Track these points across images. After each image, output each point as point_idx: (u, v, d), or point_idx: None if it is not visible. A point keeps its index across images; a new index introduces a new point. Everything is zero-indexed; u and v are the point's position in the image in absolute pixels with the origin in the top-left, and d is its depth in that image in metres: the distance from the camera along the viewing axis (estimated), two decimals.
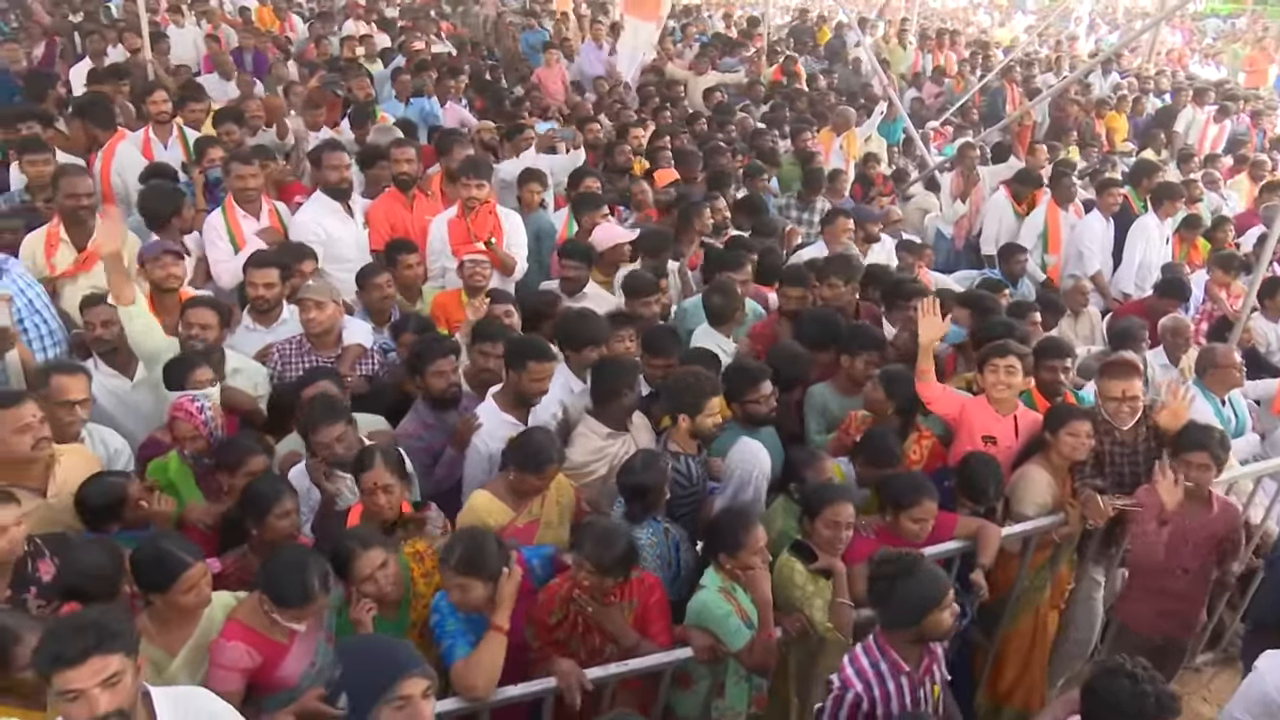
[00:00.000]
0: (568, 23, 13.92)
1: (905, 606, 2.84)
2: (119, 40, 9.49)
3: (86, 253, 4.76)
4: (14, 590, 2.97)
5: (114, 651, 2.20)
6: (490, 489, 3.60)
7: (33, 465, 3.28)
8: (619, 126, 8.51)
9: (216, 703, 2.49)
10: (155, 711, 2.33)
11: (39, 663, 2.20)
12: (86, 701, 2.16)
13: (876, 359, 4.46)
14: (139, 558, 2.84)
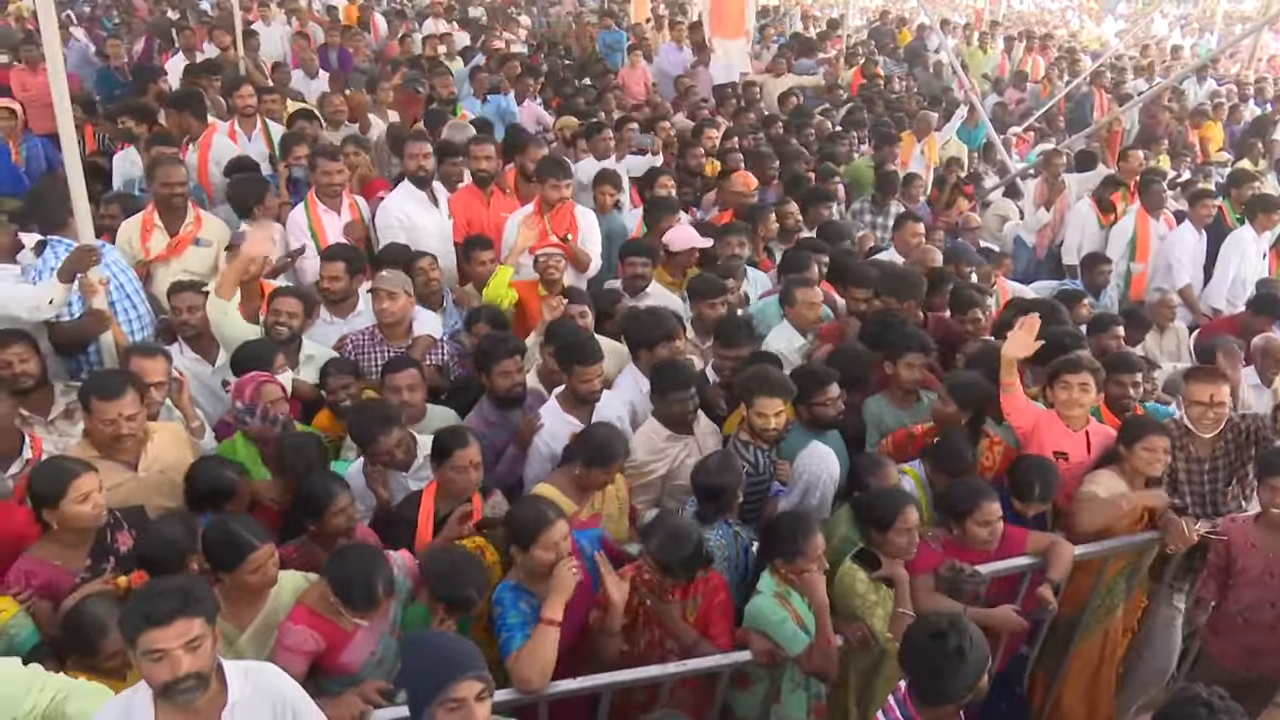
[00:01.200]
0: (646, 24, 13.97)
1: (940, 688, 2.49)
2: (210, 37, 9.86)
3: (178, 238, 4.96)
4: (93, 560, 3.11)
5: (197, 616, 2.29)
6: (554, 482, 3.63)
7: (127, 444, 3.44)
8: (693, 128, 8.50)
9: (284, 679, 2.56)
10: (227, 682, 2.41)
11: (126, 624, 2.28)
12: (170, 662, 2.24)
13: (921, 362, 4.35)
14: (211, 537, 2.95)
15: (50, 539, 3.07)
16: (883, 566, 3.40)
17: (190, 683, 2.27)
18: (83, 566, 3.08)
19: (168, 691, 2.26)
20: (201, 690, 2.30)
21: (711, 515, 3.53)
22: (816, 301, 4.84)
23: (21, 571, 2.99)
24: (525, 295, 5.05)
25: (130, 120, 6.47)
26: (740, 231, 5.62)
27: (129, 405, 3.36)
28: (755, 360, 4.27)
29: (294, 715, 2.50)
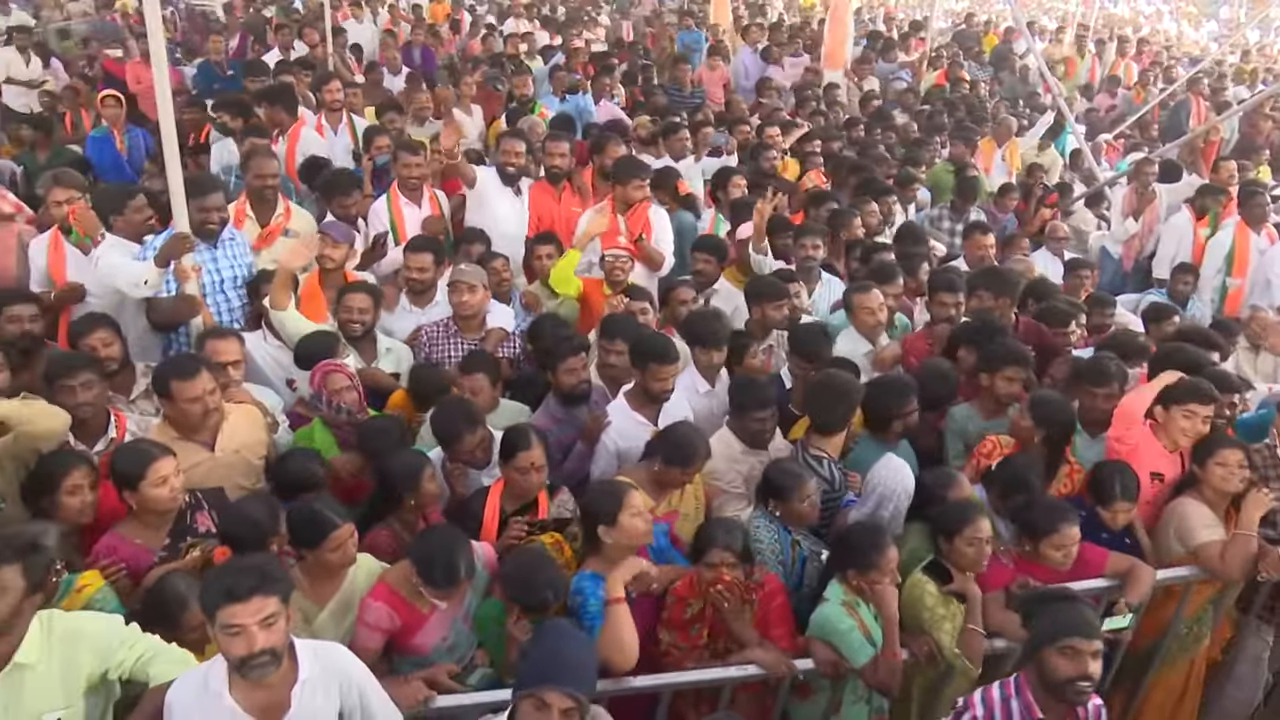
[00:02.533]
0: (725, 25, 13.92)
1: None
2: (300, 34, 10.17)
3: (269, 229, 5.13)
4: (172, 539, 3.22)
5: (273, 594, 2.37)
6: (631, 476, 3.63)
7: (207, 422, 3.57)
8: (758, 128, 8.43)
9: (352, 659, 2.63)
10: (298, 660, 2.49)
11: (207, 598, 2.38)
12: (246, 637, 2.32)
13: (1019, 376, 4.20)
14: (295, 516, 3.05)
15: (133, 517, 3.21)
16: (954, 580, 3.33)
17: (264, 658, 2.35)
18: (161, 545, 3.20)
19: (243, 665, 2.34)
20: (275, 666, 2.38)
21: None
22: (873, 306, 4.70)
23: (105, 547, 3.13)
24: (591, 293, 5.08)
25: (226, 114, 6.72)
26: (816, 233, 5.55)
27: (203, 385, 3.49)
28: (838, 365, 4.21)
29: (360, 695, 2.57)
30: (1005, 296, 4.94)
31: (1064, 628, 2.62)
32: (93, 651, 2.54)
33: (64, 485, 3.13)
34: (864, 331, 4.73)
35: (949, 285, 4.90)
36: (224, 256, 4.67)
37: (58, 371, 3.57)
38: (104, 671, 2.57)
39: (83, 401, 3.54)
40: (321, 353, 4.01)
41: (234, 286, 4.70)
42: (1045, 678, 2.63)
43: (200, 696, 2.43)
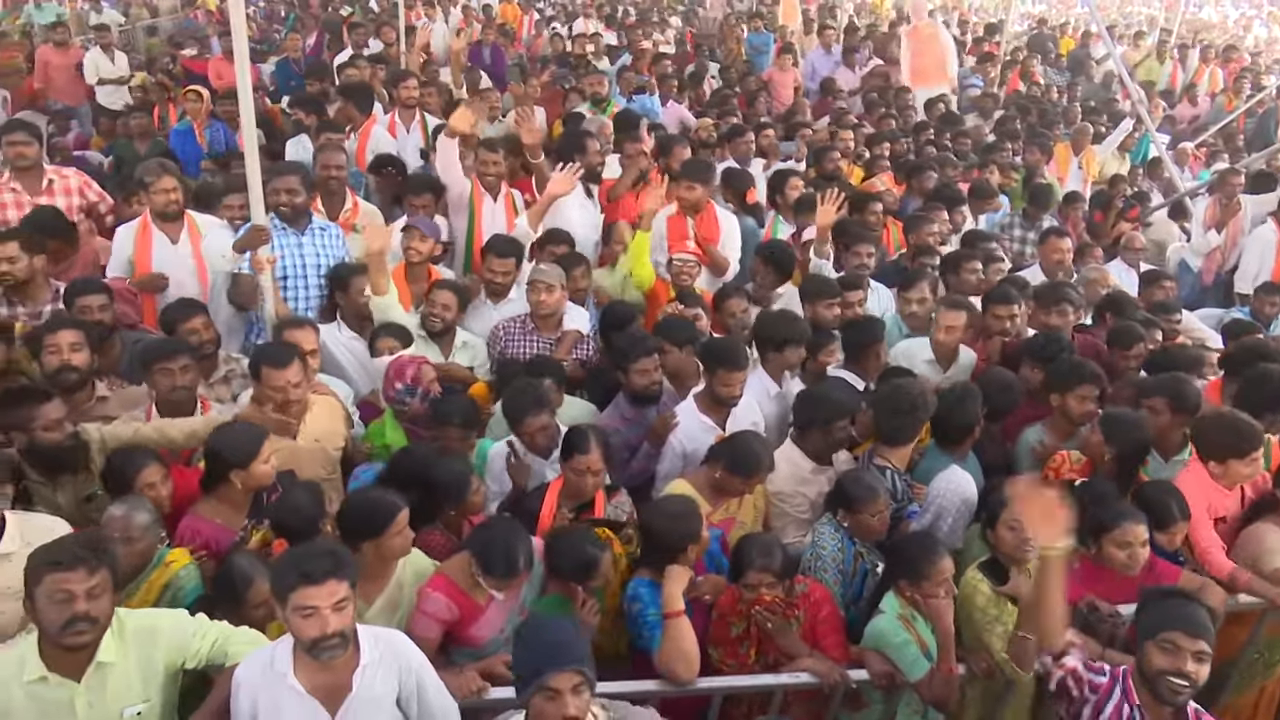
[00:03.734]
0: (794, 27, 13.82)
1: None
2: (377, 33, 10.39)
3: (340, 222, 5.24)
4: (252, 519, 3.34)
5: (345, 579, 2.44)
6: (691, 480, 3.65)
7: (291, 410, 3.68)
8: (830, 130, 8.35)
9: (410, 646, 2.69)
10: (360, 644, 2.55)
11: (281, 580, 2.44)
12: (319, 619, 2.39)
13: (1093, 394, 4.04)
14: (354, 506, 3.11)
15: (214, 499, 3.33)
16: (1009, 581, 3.24)
17: (335, 640, 2.41)
18: (241, 526, 3.32)
19: (315, 647, 2.41)
20: (344, 649, 2.45)
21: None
22: (957, 325, 4.58)
23: (187, 530, 3.25)
24: (658, 295, 5.10)
25: (301, 111, 6.91)
26: (867, 240, 5.49)
27: (294, 374, 3.62)
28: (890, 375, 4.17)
29: (417, 681, 2.62)
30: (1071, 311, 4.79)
31: (1167, 621, 2.59)
32: (168, 646, 2.63)
33: (138, 483, 3.24)
34: (939, 350, 4.59)
35: (1004, 298, 4.74)
36: (310, 244, 4.79)
37: (156, 355, 3.71)
38: (181, 663, 2.66)
39: (179, 385, 3.69)
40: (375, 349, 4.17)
41: (316, 276, 4.81)
42: (1142, 669, 2.62)
43: (266, 676, 2.51)
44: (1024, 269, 6.09)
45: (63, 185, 5.34)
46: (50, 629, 2.42)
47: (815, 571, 3.43)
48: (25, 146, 5.26)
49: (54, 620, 2.41)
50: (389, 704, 2.58)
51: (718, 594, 3.26)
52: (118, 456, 3.34)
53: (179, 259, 4.86)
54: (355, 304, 4.55)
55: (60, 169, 5.48)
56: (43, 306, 4.44)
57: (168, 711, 2.69)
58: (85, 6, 14.32)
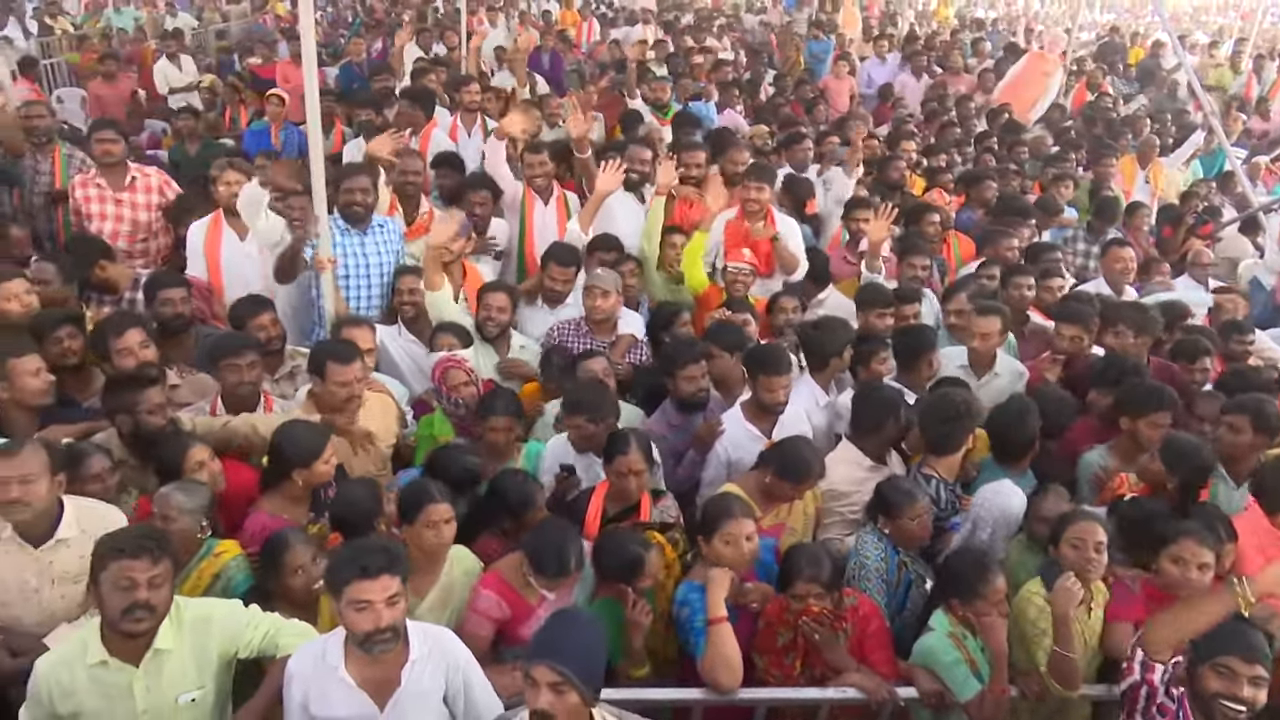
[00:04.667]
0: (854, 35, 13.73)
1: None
2: (441, 37, 10.56)
3: (416, 225, 5.34)
4: (313, 514, 3.42)
5: (398, 574, 2.49)
6: (741, 484, 3.63)
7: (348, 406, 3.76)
8: (894, 140, 8.26)
9: (457, 643, 2.72)
10: (409, 640, 2.59)
11: (338, 574, 2.48)
12: (373, 613, 2.44)
13: (1165, 422, 3.88)
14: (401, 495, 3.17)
15: (278, 494, 3.41)
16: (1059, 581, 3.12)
17: (388, 634, 2.46)
18: (303, 518, 3.40)
19: (367, 640, 2.45)
20: (395, 643, 2.49)
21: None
22: (992, 332, 4.47)
23: (257, 526, 3.31)
24: (710, 300, 5.09)
25: (364, 111, 7.06)
26: (922, 251, 5.42)
27: (357, 371, 3.70)
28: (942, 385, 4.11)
29: (464, 678, 2.65)
30: (1146, 334, 4.61)
31: (1223, 645, 2.53)
32: (222, 635, 2.70)
33: (187, 464, 3.32)
34: (974, 358, 4.52)
35: (1074, 317, 4.59)
36: (371, 243, 4.87)
37: (223, 351, 3.81)
38: (234, 652, 2.73)
39: (245, 380, 3.78)
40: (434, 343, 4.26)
41: (379, 274, 4.87)
42: (1197, 692, 2.56)
43: (317, 668, 2.56)
44: (1087, 282, 5.96)
45: (144, 183, 5.52)
46: (111, 614, 2.50)
47: (859, 581, 3.38)
48: (112, 144, 5.45)
49: (116, 606, 2.48)
50: (436, 700, 2.61)
51: (765, 602, 3.24)
52: (164, 442, 3.41)
53: (246, 255, 4.99)
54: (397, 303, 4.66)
55: (143, 167, 5.68)
56: (124, 294, 4.60)
57: (221, 699, 2.75)
58: (161, 11, 14.78)
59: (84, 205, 5.38)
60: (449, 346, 4.30)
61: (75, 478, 3.18)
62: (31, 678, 2.55)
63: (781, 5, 18.15)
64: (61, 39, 12.70)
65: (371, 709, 2.54)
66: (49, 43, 12.46)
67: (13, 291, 4.04)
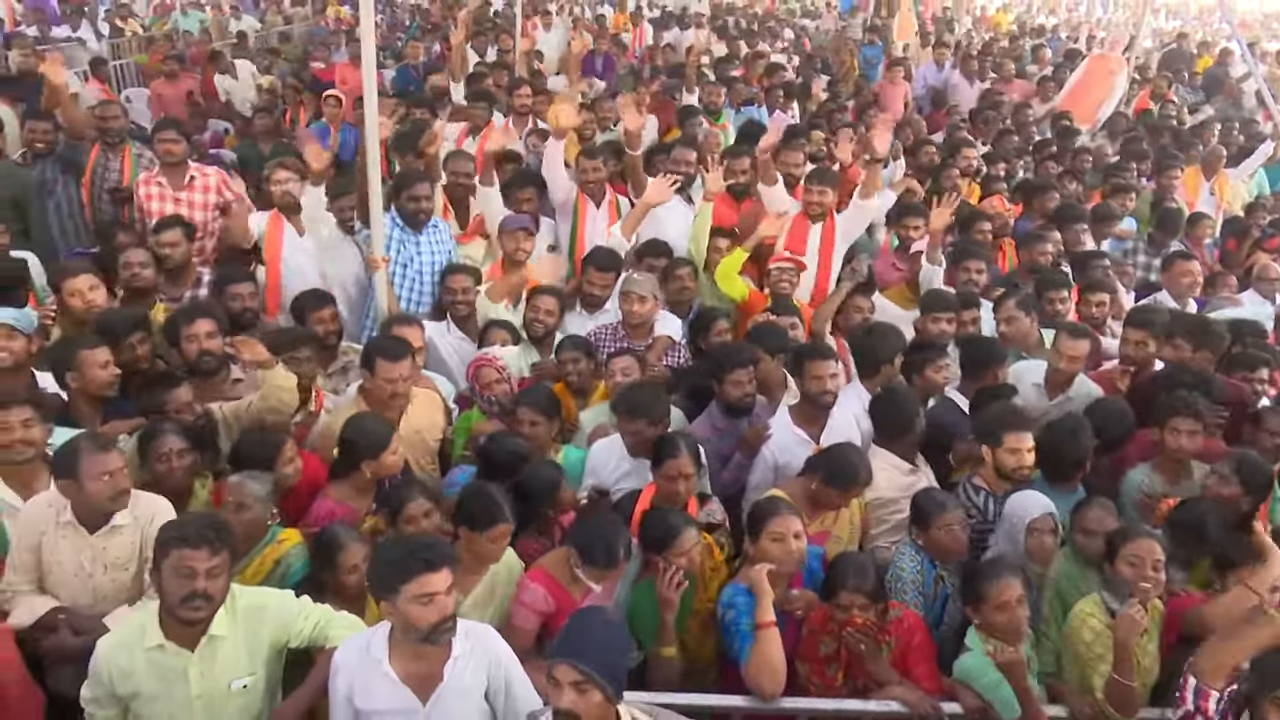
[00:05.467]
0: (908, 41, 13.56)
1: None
2: (496, 40, 10.68)
3: (470, 227, 5.42)
4: (376, 504, 3.50)
5: (452, 568, 2.54)
6: (787, 490, 3.62)
7: (396, 402, 3.85)
8: (949, 146, 8.14)
9: (501, 643, 2.74)
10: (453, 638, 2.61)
11: (396, 571, 2.50)
12: (438, 605, 2.48)
13: (1188, 428, 3.80)
14: (470, 496, 3.18)
15: (346, 483, 3.51)
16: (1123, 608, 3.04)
17: (450, 624, 2.50)
18: (367, 508, 3.50)
19: (434, 631, 2.48)
20: (454, 633, 2.53)
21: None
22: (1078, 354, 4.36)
23: (323, 512, 3.42)
24: (754, 305, 5.08)
25: (419, 112, 7.17)
26: (978, 256, 5.34)
27: (406, 368, 3.78)
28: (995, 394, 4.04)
29: (505, 675, 2.67)
30: (1207, 350, 4.47)
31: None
32: (274, 623, 2.76)
33: (281, 459, 3.44)
34: (1053, 377, 4.38)
35: (1146, 323, 4.45)
36: (425, 242, 4.96)
37: (282, 344, 3.92)
38: (285, 641, 2.79)
39: (301, 373, 3.88)
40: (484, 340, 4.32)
41: (430, 272, 4.96)
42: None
43: (362, 661, 2.60)
44: (1150, 296, 5.81)
45: (203, 182, 5.66)
46: (171, 600, 2.57)
47: (896, 594, 3.35)
48: (173, 144, 5.61)
49: (175, 592, 2.56)
50: (477, 696, 2.63)
51: (810, 610, 3.22)
52: (258, 436, 3.53)
53: (304, 250, 5.10)
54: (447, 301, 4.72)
55: (203, 166, 5.82)
56: (184, 291, 4.74)
57: (271, 686, 2.81)
58: (225, 14, 15.17)
59: (145, 203, 5.54)
60: (502, 341, 4.37)
61: (147, 456, 3.34)
62: (93, 658, 2.64)
63: (836, 11, 18.03)
64: (131, 40, 13.09)
65: (414, 703, 2.57)
66: (119, 44, 12.86)
67: (78, 287, 4.18)
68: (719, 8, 17.78)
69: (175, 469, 3.36)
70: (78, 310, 4.18)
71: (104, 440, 3.06)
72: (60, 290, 4.24)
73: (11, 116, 6.88)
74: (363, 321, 4.95)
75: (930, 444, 4.05)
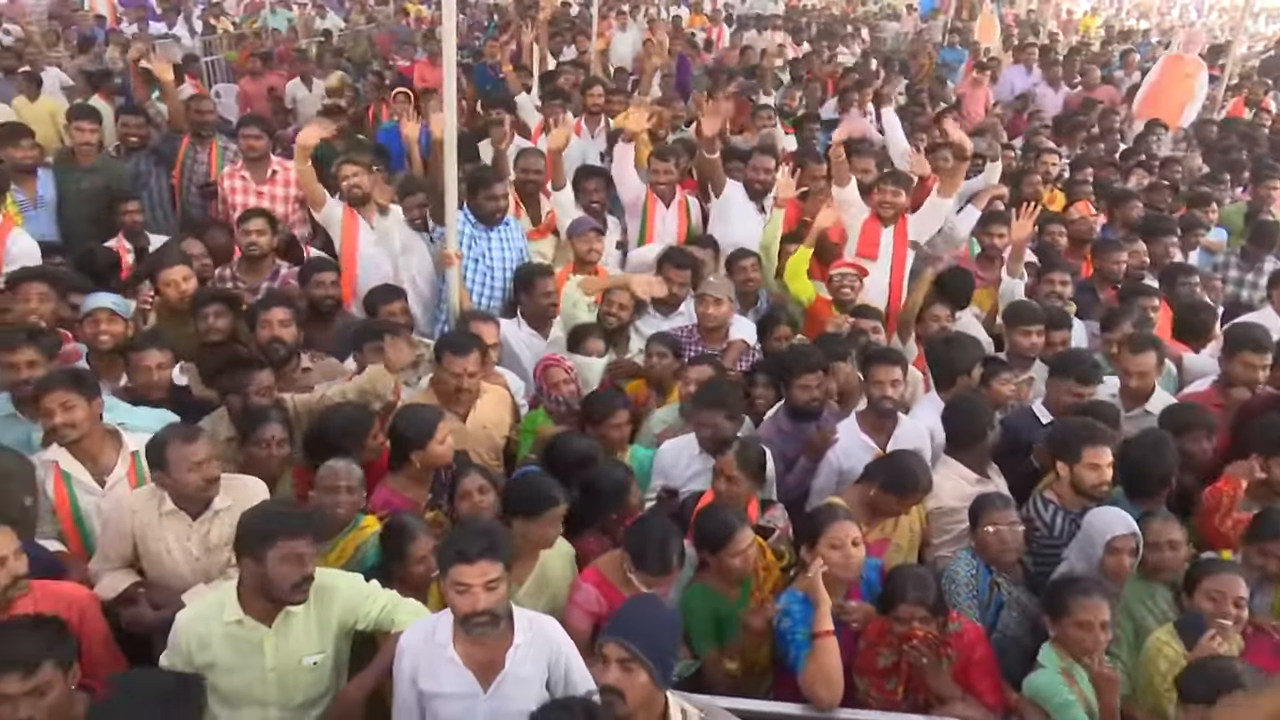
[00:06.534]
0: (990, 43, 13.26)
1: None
2: (573, 40, 10.77)
3: (544, 225, 5.47)
4: (433, 494, 3.57)
5: (498, 560, 2.56)
6: (845, 498, 3.58)
7: (463, 396, 3.92)
8: (1030, 152, 7.93)
9: (561, 632, 2.78)
10: (514, 626, 2.66)
11: (442, 556, 2.60)
12: (471, 596, 2.52)
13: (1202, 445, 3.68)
14: (518, 484, 3.25)
15: (401, 474, 3.58)
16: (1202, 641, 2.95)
17: (484, 618, 2.53)
18: (425, 500, 3.56)
19: (466, 622, 2.54)
20: (493, 627, 2.56)
21: None
22: (1147, 369, 4.21)
23: (382, 500, 3.51)
24: (819, 310, 5.04)
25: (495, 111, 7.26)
26: (1063, 268, 5.20)
27: (473, 363, 3.84)
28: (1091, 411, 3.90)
29: (566, 666, 2.70)
30: None
31: None
32: (343, 605, 2.84)
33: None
34: (1127, 393, 4.24)
35: (1257, 344, 4.21)
36: (497, 239, 5.04)
37: (369, 335, 4.04)
38: (353, 622, 2.87)
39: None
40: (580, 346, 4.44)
41: (502, 269, 5.04)
42: None
43: (428, 645, 2.65)
44: (1245, 313, 5.55)
45: (284, 176, 5.83)
46: (283, 584, 2.66)
47: (949, 596, 3.29)
48: (256, 140, 5.80)
49: (287, 578, 2.66)
50: (538, 685, 2.66)
51: (866, 622, 3.17)
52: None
53: (378, 244, 5.17)
54: (538, 304, 4.74)
55: (284, 161, 5.99)
56: (261, 281, 4.89)
57: (339, 664, 2.89)
58: (311, 12, 15.60)
59: (229, 195, 5.74)
60: (595, 352, 4.42)
61: (248, 440, 3.48)
62: (173, 630, 2.75)
63: (916, 13, 17.73)
64: (222, 38, 13.56)
65: (476, 688, 2.62)
66: (211, 41, 13.32)
67: (173, 277, 4.36)
68: (795, 9, 17.64)
69: (274, 456, 3.49)
70: (172, 299, 4.36)
71: (190, 431, 3.16)
72: (156, 280, 4.43)
73: (108, 111, 7.19)
74: (436, 317, 5.04)
75: (1005, 455, 3.96)
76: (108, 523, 3.22)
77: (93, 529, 3.33)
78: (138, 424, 3.48)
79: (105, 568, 3.19)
